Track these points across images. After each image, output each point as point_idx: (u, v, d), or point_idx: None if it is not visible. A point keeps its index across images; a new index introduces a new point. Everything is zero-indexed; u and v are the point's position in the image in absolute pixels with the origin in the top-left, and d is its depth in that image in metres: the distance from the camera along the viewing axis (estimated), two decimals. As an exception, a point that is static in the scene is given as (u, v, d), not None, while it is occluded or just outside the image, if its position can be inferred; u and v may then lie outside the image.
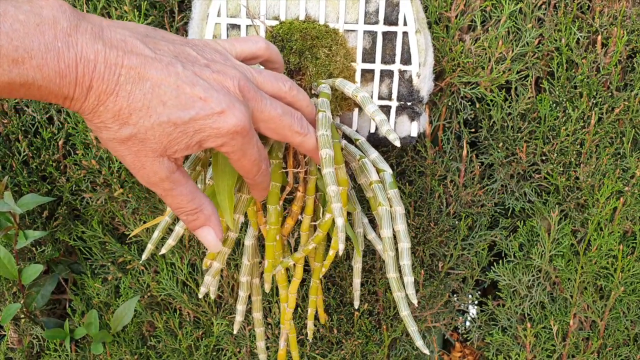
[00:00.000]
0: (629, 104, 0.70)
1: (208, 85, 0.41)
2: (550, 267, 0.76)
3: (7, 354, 0.87)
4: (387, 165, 0.59)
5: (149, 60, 0.40)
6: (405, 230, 0.58)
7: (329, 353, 0.83)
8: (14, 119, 0.77)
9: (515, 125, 0.71)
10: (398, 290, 0.59)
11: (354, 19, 0.62)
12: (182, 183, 0.44)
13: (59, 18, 0.37)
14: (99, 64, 0.38)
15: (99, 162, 0.76)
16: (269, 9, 0.63)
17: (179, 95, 0.40)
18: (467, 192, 0.75)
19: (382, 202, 0.57)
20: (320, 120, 0.53)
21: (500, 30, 0.66)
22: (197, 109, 0.41)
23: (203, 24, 0.64)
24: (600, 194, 0.71)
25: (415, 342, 0.58)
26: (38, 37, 0.36)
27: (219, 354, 0.86)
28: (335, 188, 0.51)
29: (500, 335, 0.80)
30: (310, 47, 0.62)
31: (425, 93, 0.64)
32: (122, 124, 0.40)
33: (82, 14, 0.39)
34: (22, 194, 0.79)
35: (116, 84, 0.39)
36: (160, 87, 0.40)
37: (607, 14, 0.67)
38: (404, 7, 0.61)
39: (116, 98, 0.39)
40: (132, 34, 0.40)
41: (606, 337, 0.80)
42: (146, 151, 0.41)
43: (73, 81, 0.38)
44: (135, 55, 0.39)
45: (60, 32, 0.37)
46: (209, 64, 0.43)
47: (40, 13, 0.37)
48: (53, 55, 0.37)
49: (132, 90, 0.39)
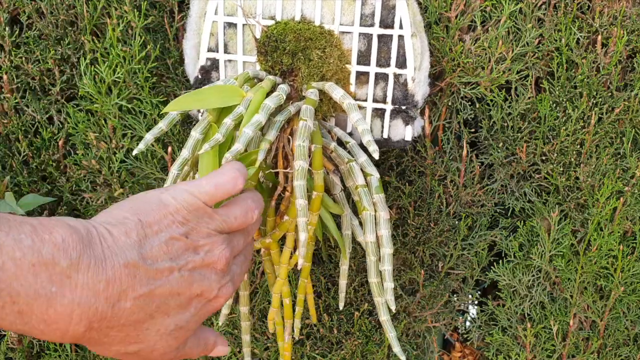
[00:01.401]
0: (629, 104, 0.70)
1: (201, 277, 0.42)
2: (550, 267, 0.76)
3: (7, 354, 0.87)
4: (375, 170, 0.59)
5: (152, 282, 0.39)
6: (389, 236, 0.58)
7: (329, 353, 0.83)
8: (14, 119, 0.77)
9: (515, 125, 0.71)
10: (378, 295, 0.59)
11: (350, 21, 0.62)
12: (191, 353, 0.45)
13: (59, 258, 0.35)
14: (100, 306, 0.36)
15: (99, 162, 0.76)
16: (265, 9, 0.62)
17: (180, 301, 0.41)
18: (467, 192, 0.75)
19: (366, 207, 0.57)
20: (299, 130, 0.53)
21: (500, 30, 0.66)
22: (195, 305, 0.42)
23: (201, 21, 0.64)
24: (600, 194, 0.71)
25: (393, 348, 0.59)
26: (29, 279, 0.34)
27: (219, 354, 0.86)
28: (303, 202, 0.51)
29: (500, 335, 0.80)
30: (304, 49, 0.61)
31: (420, 97, 0.63)
32: (129, 343, 0.40)
33: (86, 242, 0.36)
34: (22, 194, 0.79)
35: (122, 317, 0.38)
36: (165, 299, 0.40)
37: (607, 14, 0.67)
38: (400, 11, 0.60)
39: (121, 328, 0.38)
40: (131, 254, 0.38)
41: (606, 337, 0.80)
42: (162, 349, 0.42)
43: (63, 328, 0.35)
44: (139, 284, 0.38)
45: (57, 274, 0.34)
46: (197, 249, 0.42)
47: (40, 250, 0.34)
48: (42, 302, 0.34)
49: (139, 316, 0.38)
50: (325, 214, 0.61)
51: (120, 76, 0.71)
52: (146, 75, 0.71)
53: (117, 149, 0.75)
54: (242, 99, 0.55)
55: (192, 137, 0.55)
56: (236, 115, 0.53)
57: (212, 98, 0.54)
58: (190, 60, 0.67)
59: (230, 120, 0.52)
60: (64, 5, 0.73)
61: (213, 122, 0.55)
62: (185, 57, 0.67)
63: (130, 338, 0.39)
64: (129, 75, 0.72)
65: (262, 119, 0.53)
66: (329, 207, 0.60)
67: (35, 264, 0.34)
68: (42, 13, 0.74)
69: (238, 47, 0.65)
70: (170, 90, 0.74)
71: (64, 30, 0.74)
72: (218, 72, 0.67)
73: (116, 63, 0.71)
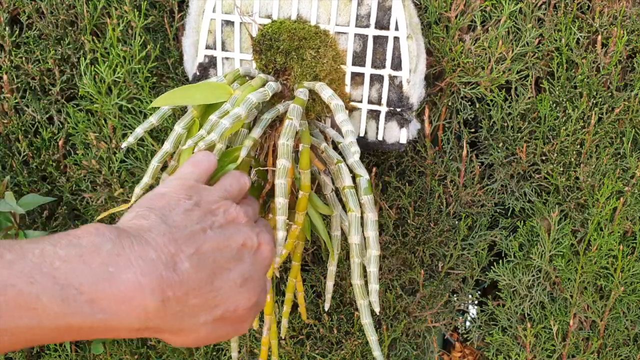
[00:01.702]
0: (629, 104, 0.70)
1: (233, 231, 0.43)
2: (550, 267, 0.76)
3: (7, 354, 0.87)
4: (365, 171, 0.58)
5: (193, 241, 0.39)
6: (375, 238, 0.57)
7: (329, 353, 0.83)
8: (14, 119, 0.77)
9: (515, 125, 0.71)
10: (362, 297, 0.59)
11: (346, 21, 0.62)
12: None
13: (100, 243, 0.35)
14: (162, 271, 0.36)
15: (99, 162, 0.76)
16: (262, 8, 0.63)
17: (231, 254, 0.42)
18: (467, 192, 0.75)
19: (352, 208, 0.57)
20: (285, 129, 0.54)
21: (500, 30, 0.66)
22: (248, 255, 0.44)
23: (199, 19, 0.65)
24: (600, 194, 0.71)
25: (373, 352, 0.59)
26: (84, 269, 0.34)
27: (219, 354, 0.86)
28: (283, 201, 0.52)
29: (500, 335, 0.80)
30: (297, 48, 0.61)
31: (416, 100, 0.63)
32: (212, 307, 0.40)
33: (117, 228, 0.37)
34: (22, 193, 0.79)
35: (189, 280, 0.38)
36: (215, 255, 0.41)
37: (607, 14, 0.67)
38: (396, 12, 0.60)
39: (196, 293, 0.38)
40: (161, 227, 0.39)
41: (606, 337, 0.80)
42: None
43: (141, 303, 0.35)
44: (184, 245, 0.39)
45: (107, 256, 0.35)
46: (213, 211, 0.44)
47: (80, 244, 0.35)
48: (106, 283, 0.34)
49: (204, 275, 0.39)
50: (314, 214, 0.61)
51: (120, 76, 0.71)
52: (146, 75, 0.71)
53: (117, 149, 0.75)
54: (230, 96, 0.55)
55: (175, 131, 0.56)
56: (222, 112, 0.53)
57: (198, 95, 0.55)
58: (189, 58, 0.68)
59: (216, 117, 0.53)
60: (64, 5, 0.73)
61: (197, 117, 0.55)
62: (185, 54, 0.68)
63: (209, 301, 0.39)
64: (129, 75, 0.72)
65: (242, 112, 0.53)
66: (318, 207, 0.60)
67: (81, 254, 0.34)
68: (42, 13, 0.74)
69: (235, 44, 0.65)
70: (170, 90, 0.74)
71: (64, 30, 0.74)
72: (216, 70, 0.67)
73: (116, 63, 0.71)
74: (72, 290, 0.33)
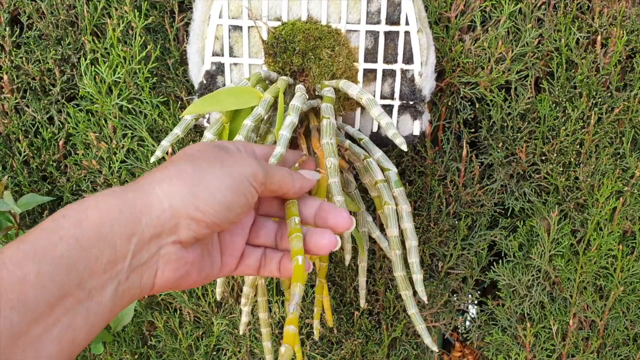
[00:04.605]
0: (629, 104, 0.70)
1: None
2: (550, 267, 0.76)
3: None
4: (392, 164, 0.59)
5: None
6: (412, 228, 0.58)
7: (329, 353, 0.83)
8: (14, 119, 0.77)
9: (515, 125, 0.72)
10: (405, 289, 0.59)
11: (356, 19, 0.62)
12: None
13: (119, 188, 0.39)
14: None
15: (99, 162, 0.76)
16: (270, 10, 0.63)
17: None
18: (466, 192, 0.75)
19: (387, 201, 0.57)
20: (324, 128, 0.54)
21: (500, 30, 0.66)
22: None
23: (204, 25, 0.64)
24: (599, 193, 0.71)
25: (424, 339, 0.58)
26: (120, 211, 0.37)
27: (219, 354, 0.86)
28: (341, 199, 0.52)
29: (500, 335, 0.80)
30: (313, 48, 0.62)
31: (428, 92, 0.64)
32: (221, 161, 0.44)
33: (124, 188, 0.40)
34: (22, 194, 0.79)
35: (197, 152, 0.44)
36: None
37: (606, 14, 0.67)
38: (405, 7, 0.61)
39: (204, 156, 0.43)
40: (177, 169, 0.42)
41: (606, 337, 0.80)
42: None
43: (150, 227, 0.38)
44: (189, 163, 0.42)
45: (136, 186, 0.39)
46: None
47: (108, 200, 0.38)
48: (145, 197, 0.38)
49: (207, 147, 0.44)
50: None
51: (121, 76, 0.71)
52: (146, 76, 0.71)
53: (117, 149, 0.75)
54: (259, 100, 0.55)
55: (205, 137, 0.55)
56: (256, 117, 0.53)
57: (229, 100, 0.54)
58: (194, 65, 0.67)
59: (250, 121, 0.52)
60: (64, 6, 0.73)
61: (226, 122, 0.55)
62: (189, 62, 0.67)
63: (217, 158, 0.43)
64: (129, 76, 0.72)
65: (295, 119, 0.53)
66: (347, 204, 0.61)
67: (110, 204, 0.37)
68: (43, 13, 0.74)
69: (244, 49, 0.64)
70: (170, 90, 0.74)
71: (64, 30, 0.74)
72: (223, 76, 0.66)
73: (116, 63, 0.71)
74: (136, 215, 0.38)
